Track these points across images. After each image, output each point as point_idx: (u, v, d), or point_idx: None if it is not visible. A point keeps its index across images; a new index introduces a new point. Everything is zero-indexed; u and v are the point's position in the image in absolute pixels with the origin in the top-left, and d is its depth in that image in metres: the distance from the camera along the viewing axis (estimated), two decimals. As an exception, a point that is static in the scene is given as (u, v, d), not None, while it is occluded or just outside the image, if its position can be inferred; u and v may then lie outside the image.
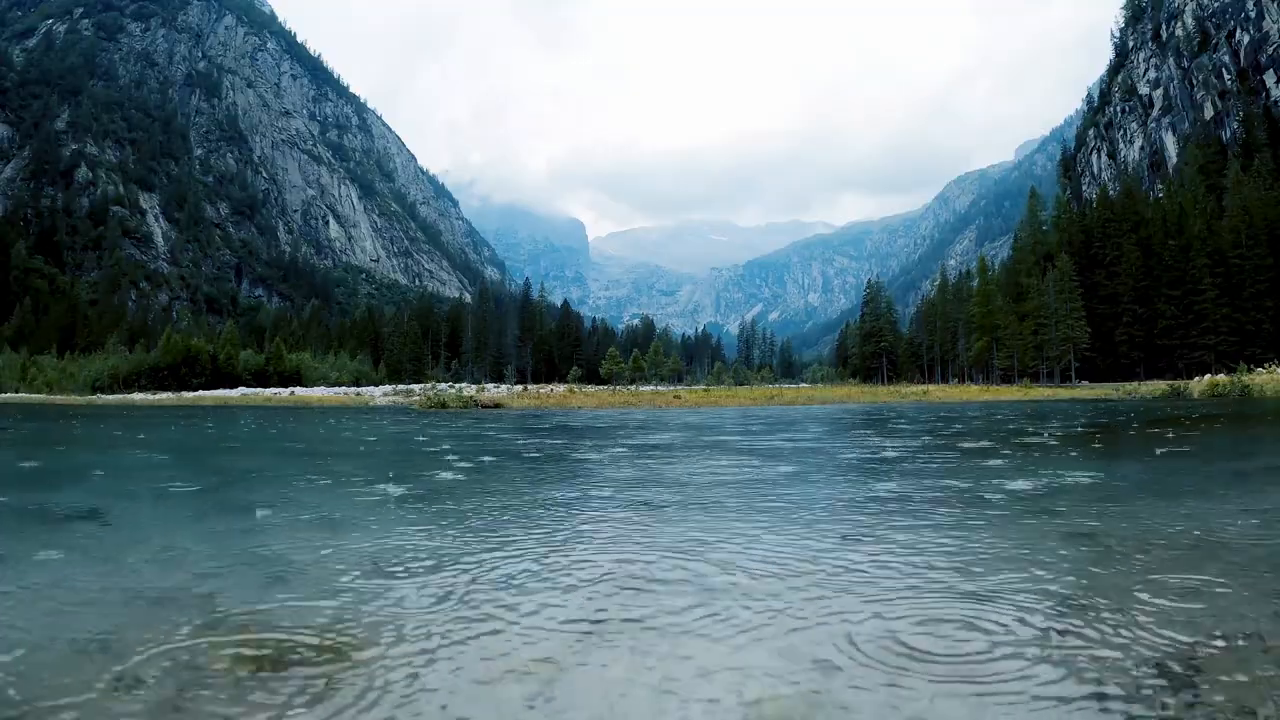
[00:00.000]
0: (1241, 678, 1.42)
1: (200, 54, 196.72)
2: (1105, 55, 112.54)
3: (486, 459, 6.58)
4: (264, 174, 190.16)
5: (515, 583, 2.22)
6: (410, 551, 2.66)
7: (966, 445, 7.25)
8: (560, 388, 40.29)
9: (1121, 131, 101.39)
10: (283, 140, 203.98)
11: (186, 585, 2.20)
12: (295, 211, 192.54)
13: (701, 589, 2.12)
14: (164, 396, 41.23)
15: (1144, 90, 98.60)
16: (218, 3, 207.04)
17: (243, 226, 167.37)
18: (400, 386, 48.18)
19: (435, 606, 1.96)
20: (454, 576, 2.30)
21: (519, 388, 43.10)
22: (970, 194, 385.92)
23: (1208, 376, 26.78)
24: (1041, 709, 1.30)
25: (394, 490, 4.56)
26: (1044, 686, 1.39)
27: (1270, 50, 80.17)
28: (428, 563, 2.49)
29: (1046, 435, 8.65)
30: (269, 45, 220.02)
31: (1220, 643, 1.60)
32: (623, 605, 1.96)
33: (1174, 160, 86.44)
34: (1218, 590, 2.03)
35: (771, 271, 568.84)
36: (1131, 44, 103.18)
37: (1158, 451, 6.43)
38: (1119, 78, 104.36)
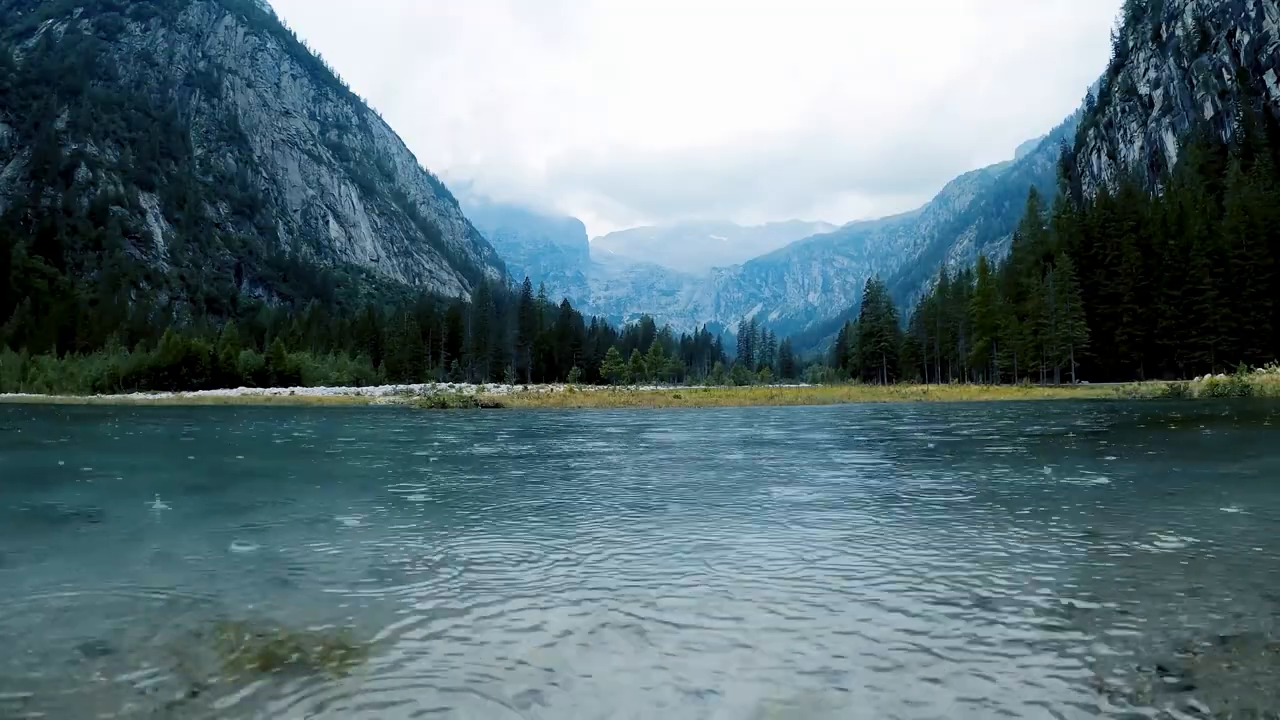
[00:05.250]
0: (1241, 678, 1.41)
1: (200, 54, 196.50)
2: (1105, 55, 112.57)
3: (486, 460, 6.58)
4: (264, 174, 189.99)
5: (516, 584, 2.22)
6: (410, 552, 2.66)
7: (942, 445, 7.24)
8: (560, 388, 40.27)
9: (1121, 131, 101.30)
10: (283, 140, 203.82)
11: (187, 586, 2.21)
12: (295, 211, 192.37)
13: (707, 590, 2.12)
14: (164, 396, 41.20)
15: (1144, 90, 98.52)
16: (218, 3, 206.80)
17: (243, 226, 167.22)
18: (400, 386, 48.14)
19: (436, 607, 1.96)
20: (455, 577, 2.30)
21: (519, 388, 43.09)
22: (970, 194, 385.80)
23: (1208, 376, 26.75)
24: (1042, 708, 1.30)
25: (393, 490, 4.56)
26: (1045, 686, 1.39)
27: (1270, 50, 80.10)
28: (428, 563, 2.49)
29: (1058, 435, 8.65)
30: (269, 45, 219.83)
31: (1220, 643, 1.60)
32: (626, 607, 1.96)
33: (1174, 160, 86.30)
34: (1218, 590, 2.03)
35: (771, 271, 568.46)
36: (1131, 44, 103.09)
37: (1154, 452, 6.43)
38: (1119, 78, 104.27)
